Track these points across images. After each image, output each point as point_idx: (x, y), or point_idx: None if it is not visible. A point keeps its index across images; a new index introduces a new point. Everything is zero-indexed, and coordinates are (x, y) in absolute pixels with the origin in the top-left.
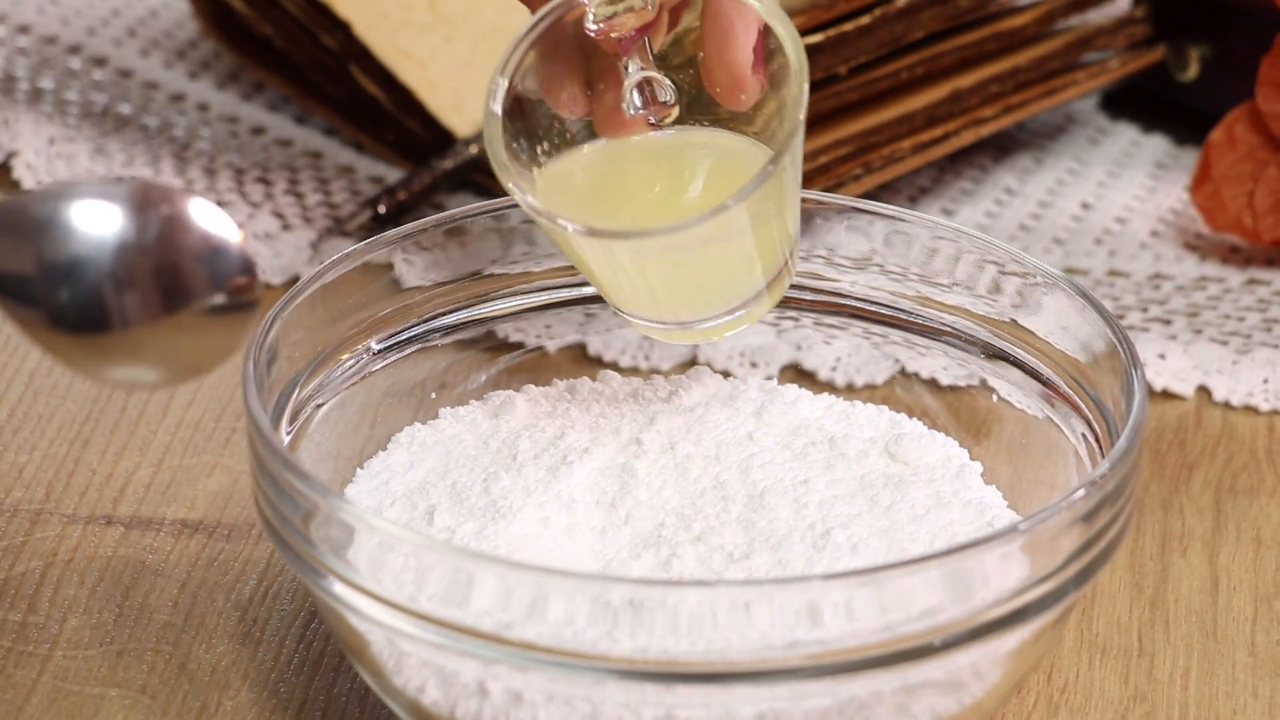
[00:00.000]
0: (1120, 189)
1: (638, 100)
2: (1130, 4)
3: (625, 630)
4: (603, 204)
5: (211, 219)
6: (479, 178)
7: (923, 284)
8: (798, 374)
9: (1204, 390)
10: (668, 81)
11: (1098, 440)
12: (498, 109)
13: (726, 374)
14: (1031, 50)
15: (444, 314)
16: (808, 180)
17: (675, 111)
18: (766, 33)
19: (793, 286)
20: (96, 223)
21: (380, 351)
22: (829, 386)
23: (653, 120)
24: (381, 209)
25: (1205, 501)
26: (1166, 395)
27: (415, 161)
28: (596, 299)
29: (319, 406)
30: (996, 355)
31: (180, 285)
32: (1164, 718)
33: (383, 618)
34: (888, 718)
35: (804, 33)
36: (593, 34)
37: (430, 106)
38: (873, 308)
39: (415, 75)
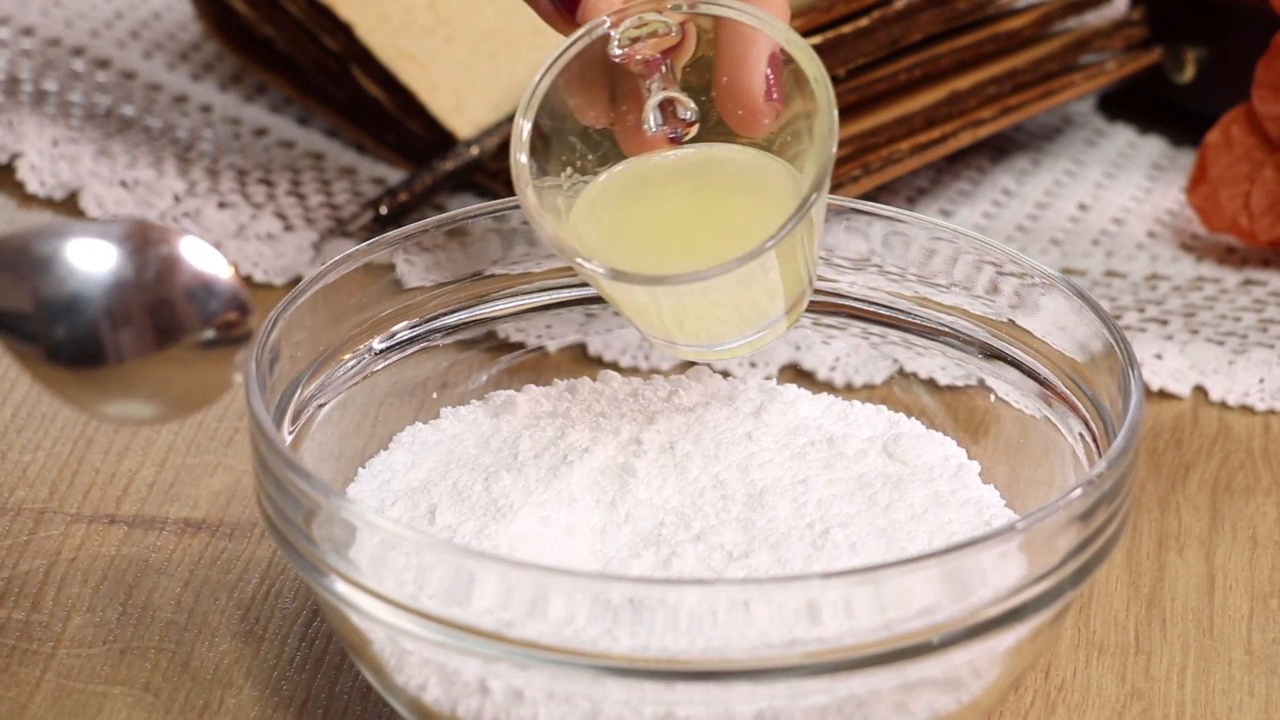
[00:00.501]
0: (1117, 190)
1: (658, 119)
2: (1127, 6)
3: (625, 628)
4: (631, 236)
5: (204, 257)
6: (480, 179)
7: (921, 284)
8: (796, 374)
9: (1200, 390)
10: (688, 99)
11: (1095, 440)
12: (524, 158)
13: (726, 374)
14: (1029, 52)
15: (445, 314)
16: None
17: (696, 129)
18: (782, 58)
19: None
20: (93, 261)
21: (382, 351)
22: (828, 386)
23: (673, 136)
24: (383, 210)
25: (1202, 500)
26: (1163, 395)
27: (416, 163)
28: (597, 299)
29: (321, 406)
30: (994, 355)
31: (174, 320)
32: (1160, 715)
33: (384, 616)
34: (886, 715)
35: (803, 35)
36: (618, 59)
37: (431, 108)
38: (871, 308)
39: (417, 77)
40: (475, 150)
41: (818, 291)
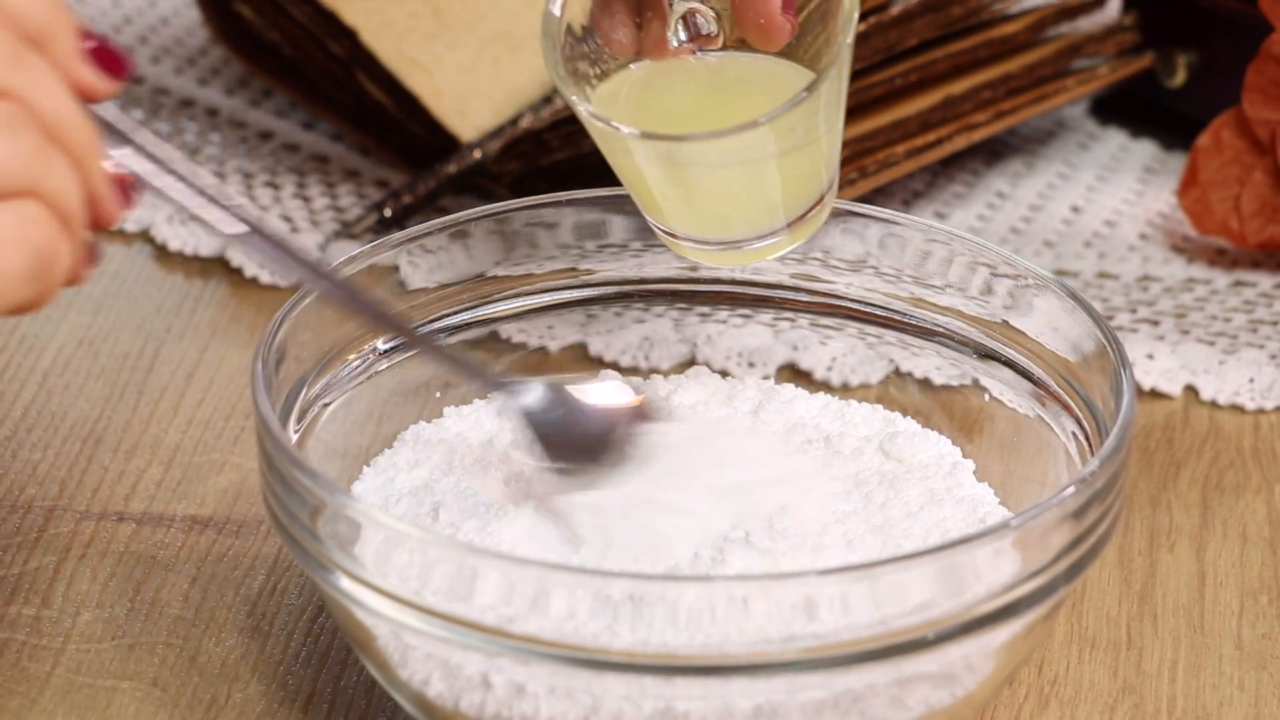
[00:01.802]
0: (1109, 193)
1: (682, 34)
2: (1119, 12)
3: (625, 624)
4: (653, 121)
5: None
6: (483, 181)
7: (916, 286)
8: (794, 374)
9: (1191, 389)
10: (711, 12)
11: (1087, 438)
12: (557, 10)
13: (724, 374)
14: (1023, 57)
15: (448, 315)
16: None
17: (720, 41)
18: None
19: (789, 288)
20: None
21: (386, 351)
22: (825, 386)
23: (697, 52)
24: (387, 212)
25: (1192, 498)
26: (1155, 394)
27: (420, 166)
28: (597, 300)
29: (326, 405)
30: (988, 355)
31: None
32: (1152, 710)
33: (388, 612)
34: (882, 710)
35: None
36: None
37: (435, 112)
38: (868, 309)
39: (420, 81)
40: (478, 153)
41: (815, 292)
